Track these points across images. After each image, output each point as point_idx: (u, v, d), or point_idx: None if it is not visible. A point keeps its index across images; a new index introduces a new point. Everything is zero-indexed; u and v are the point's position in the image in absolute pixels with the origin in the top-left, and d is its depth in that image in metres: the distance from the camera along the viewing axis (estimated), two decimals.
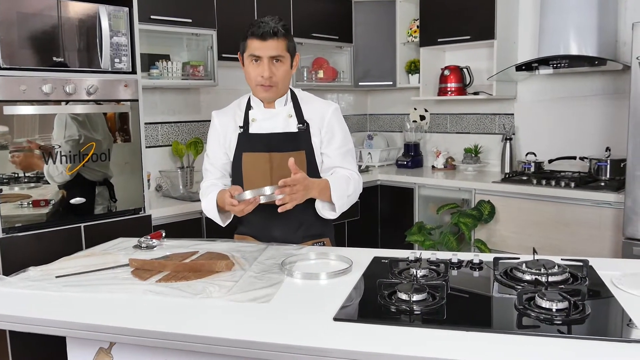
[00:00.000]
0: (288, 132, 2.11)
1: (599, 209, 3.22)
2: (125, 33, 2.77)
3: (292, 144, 2.10)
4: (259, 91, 2.08)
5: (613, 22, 3.63)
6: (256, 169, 2.11)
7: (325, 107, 2.16)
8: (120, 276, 1.73)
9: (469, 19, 4.02)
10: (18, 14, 2.43)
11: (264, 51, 1.99)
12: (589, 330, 1.28)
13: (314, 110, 2.15)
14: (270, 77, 2.02)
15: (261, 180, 2.09)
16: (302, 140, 2.11)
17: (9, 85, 2.44)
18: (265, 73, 2.01)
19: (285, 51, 2.03)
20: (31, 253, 2.47)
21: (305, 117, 2.14)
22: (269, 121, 2.12)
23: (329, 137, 2.14)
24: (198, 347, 1.31)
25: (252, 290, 1.56)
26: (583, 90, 3.87)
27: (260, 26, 1.98)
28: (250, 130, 2.13)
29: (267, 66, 2.01)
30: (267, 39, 1.98)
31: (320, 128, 2.13)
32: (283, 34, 2.01)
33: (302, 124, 2.12)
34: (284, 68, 2.04)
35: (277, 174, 2.07)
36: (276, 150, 2.09)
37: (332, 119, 2.15)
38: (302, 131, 2.12)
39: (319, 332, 1.30)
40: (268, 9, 3.83)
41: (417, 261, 1.71)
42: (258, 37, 1.98)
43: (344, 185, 2.08)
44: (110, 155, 2.78)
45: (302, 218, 2.12)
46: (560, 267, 1.62)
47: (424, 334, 1.28)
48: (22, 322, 1.45)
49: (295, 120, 2.13)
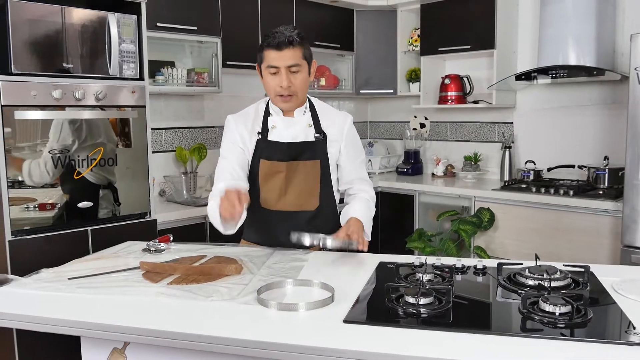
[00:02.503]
0: (307, 142, 2.13)
1: (597, 216, 3.27)
2: (134, 40, 2.81)
3: (309, 153, 2.12)
4: (279, 101, 2.09)
5: (611, 32, 3.69)
6: (272, 177, 2.12)
7: (342, 119, 2.20)
8: (131, 278, 1.76)
9: (469, 28, 4.08)
10: (29, 21, 2.48)
11: (280, 61, 1.99)
12: (591, 334, 1.32)
13: (332, 121, 2.18)
14: (288, 87, 2.03)
15: (276, 188, 2.11)
16: (318, 150, 2.13)
17: (20, 90, 2.47)
18: (283, 83, 2.01)
19: (302, 59, 2.03)
20: (40, 255, 2.50)
21: (323, 127, 2.16)
22: (288, 129, 2.12)
23: (348, 149, 2.19)
24: (211, 347, 1.35)
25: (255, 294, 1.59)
26: (582, 99, 3.92)
27: (276, 36, 1.98)
28: (269, 137, 2.13)
29: (285, 76, 2.01)
30: (283, 48, 1.98)
31: (339, 141, 2.17)
32: (298, 42, 2.01)
33: (320, 134, 2.14)
34: (302, 77, 2.05)
35: (291, 183, 2.11)
36: (294, 159, 2.11)
37: (350, 132, 2.20)
38: (319, 141, 2.14)
39: (329, 333, 1.34)
40: (271, 17, 3.89)
41: (422, 266, 1.75)
42: (274, 47, 1.98)
43: (368, 213, 2.15)
44: (117, 160, 2.81)
45: (309, 224, 2.12)
46: (563, 273, 1.66)
47: (431, 336, 1.32)
48: (38, 322, 1.49)
49: (313, 129, 2.14)
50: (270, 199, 2.14)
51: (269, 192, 2.13)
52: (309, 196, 2.14)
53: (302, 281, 1.69)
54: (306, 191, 2.14)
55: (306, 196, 2.14)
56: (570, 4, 3.54)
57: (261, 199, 2.16)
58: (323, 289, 1.62)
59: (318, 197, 2.15)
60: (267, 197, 2.15)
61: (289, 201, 2.13)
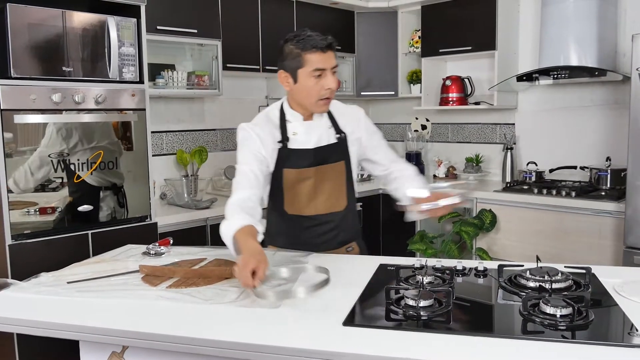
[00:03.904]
0: (331, 144, 2.10)
1: (599, 218, 3.26)
2: (133, 43, 2.81)
3: (334, 155, 2.10)
4: (320, 105, 2.01)
5: (613, 33, 3.68)
6: (299, 184, 2.07)
7: (356, 113, 2.19)
8: (130, 282, 1.76)
9: (470, 29, 4.07)
10: (29, 25, 2.48)
11: (327, 63, 1.94)
12: (592, 336, 1.31)
13: (348, 118, 2.15)
14: (333, 90, 1.97)
15: (304, 194, 2.08)
16: (341, 150, 2.11)
17: (20, 94, 2.47)
18: (332, 84, 1.95)
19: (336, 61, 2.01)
20: (40, 259, 2.50)
21: (341, 126, 2.12)
22: (311, 134, 2.07)
23: (372, 138, 2.19)
24: (210, 351, 1.34)
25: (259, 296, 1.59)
26: (583, 100, 3.91)
27: (315, 39, 1.92)
28: (290, 145, 2.06)
29: (331, 77, 1.96)
30: (326, 50, 1.94)
31: (359, 137, 2.16)
32: (335, 44, 1.98)
33: (340, 134, 2.11)
34: (337, 79, 2.00)
35: (320, 188, 2.08)
36: (320, 164, 2.07)
37: (366, 122, 2.20)
38: (341, 141, 2.11)
39: (328, 336, 1.33)
40: (271, 19, 3.89)
41: (423, 268, 1.74)
42: (319, 49, 1.92)
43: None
44: (117, 163, 2.81)
45: (340, 224, 2.13)
46: (564, 275, 1.65)
47: (431, 338, 1.31)
48: (36, 326, 1.48)
49: (333, 131, 2.11)
50: (298, 205, 2.10)
51: (296, 198, 2.09)
52: (337, 197, 2.13)
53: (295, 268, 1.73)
54: (335, 193, 2.12)
55: (335, 197, 2.12)
56: (572, 4, 3.54)
57: (287, 206, 2.11)
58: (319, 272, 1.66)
59: (346, 197, 2.15)
60: (295, 204, 2.10)
61: (319, 205, 2.10)
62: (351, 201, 2.18)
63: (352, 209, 2.19)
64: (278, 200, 2.12)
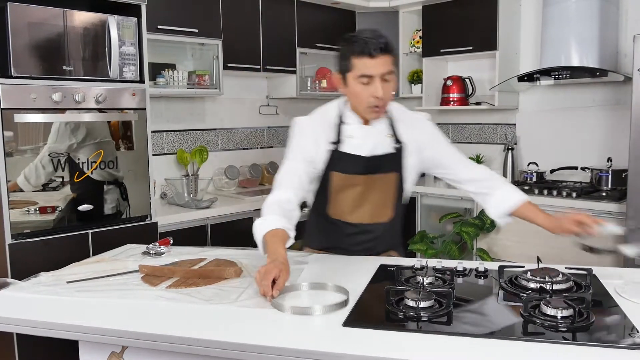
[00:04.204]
0: (387, 154, 1.98)
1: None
2: (134, 43, 2.81)
3: (387, 165, 1.99)
4: (370, 112, 1.91)
5: (614, 33, 3.68)
6: (346, 190, 2.00)
7: (421, 125, 2.06)
8: (130, 282, 1.75)
9: (471, 30, 4.06)
10: (29, 24, 2.47)
11: (375, 69, 1.82)
12: (593, 338, 1.30)
13: (409, 126, 2.02)
14: (381, 99, 1.85)
15: (350, 200, 2.00)
16: (396, 161, 2.00)
17: (20, 93, 2.47)
18: (379, 92, 1.83)
19: (393, 66, 1.86)
20: (40, 259, 2.50)
21: (400, 134, 2.00)
22: (366, 140, 1.97)
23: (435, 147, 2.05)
24: (209, 352, 1.33)
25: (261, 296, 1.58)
26: (584, 101, 3.90)
27: (368, 42, 1.80)
28: (343, 148, 1.97)
29: (379, 85, 1.83)
30: (377, 55, 1.81)
31: (421, 146, 2.03)
32: (391, 48, 1.84)
33: (399, 144, 1.99)
34: (391, 86, 1.88)
35: (368, 197, 2.00)
36: (371, 173, 1.97)
37: (430, 131, 2.06)
38: (398, 151, 1.99)
39: (328, 337, 1.33)
40: (272, 19, 3.88)
41: (423, 269, 1.74)
42: (368, 54, 1.80)
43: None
44: (118, 162, 2.81)
45: (382, 235, 2.07)
46: (565, 276, 1.64)
47: (431, 339, 1.30)
48: (35, 326, 1.48)
49: (392, 139, 1.99)
50: (343, 210, 2.03)
51: (341, 203, 2.02)
52: (383, 208, 2.04)
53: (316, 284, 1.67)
54: (381, 204, 2.03)
55: (381, 209, 2.04)
56: (573, 4, 3.53)
57: (331, 210, 2.05)
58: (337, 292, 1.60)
59: (392, 209, 2.06)
60: (340, 209, 2.04)
61: (363, 213, 2.03)
62: (397, 213, 2.09)
63: (398, 221, 2.11)
64: (322, 201, 2.05)
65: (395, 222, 2.10)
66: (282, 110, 4.48)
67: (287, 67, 4.05)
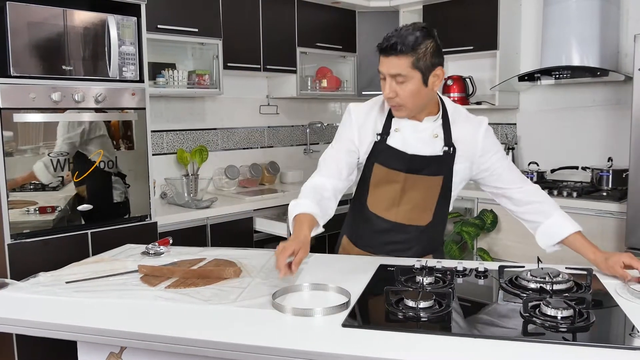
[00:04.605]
0: (433, 156, 1.89)
1: (601, 218, 3.24)
2: (133, 42, 2.81)
3: (433, 167, 1.90)
4: (392, 109, 1.89)
5: (615, 33, 3.67)
6: (386, 185, 1.94)
7: (475, 129, 1.93)
8: (129, 282, 1.75)
9: (471, 29, 4.06)
10: (28, 23, 2.47)
11: (384, 67, 1.79)
12: (594, 338, 1.30)
13: (464, 130, 1.92)
14: (392, 97, 1.81)
15: (388, 197, 1.95)
16: (443, 165, 1.91)
17: (19, 93, 2.47)
18: (385, 91, 1.81)
19: (409, 69, 1.76)
20: (39, 259, 2.50)
21: (454, 138, 1.91)
22: (412, 137, 1.90)
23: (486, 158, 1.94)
24: (208, 352, 1.33)
25: (260, 297, 1.58)
26: (585, 100, 3.90)
27: (386, 38, 1.76)
28: (389, 141, 1.91)
29: (388, 85, 1.79)
30: (389, 54, 1.76)
31: (473, 154, 1.92)
32: (409, 48, 1.74)
33: (449, 147, 1.89)
34: (409, 88, 1.78)
35: (407, 196, 1.94)
36: (413, 172, 1.90)
37: (487, 140, 1.94)
38: (447, 155, 1.90)
39: (328, 337, 1.32)
40: (273, 18, 3.88)
41: (423, 269, 1.73)
42: (380, 51, 1.79)
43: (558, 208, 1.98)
44: (117, 162, 2.80)
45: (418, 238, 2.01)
46: (565, 276, 1.64)
47: (431, 340, 1.30)
48: (34, 326, 1.47)
49: (441, 141, 1.90)
50: (380, 206, 1.98)
51: (379, 198, 1.97)
52: (422, 211, 1.97)
53: (318, 285, 1.66)
54: (421, 206, 1.96)
55: (420, 211, 1.96)
56: (574, 4, 3.52)
57: (369, 202, 1.99)
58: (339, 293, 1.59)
59: (432, 213, 1.97)
60: (377, 204, 1.98)
61: (400, 213, 1.96)
62: (438, 219, 2.00)
63: (438, 226, 2.03)
64: (363, 193, 2.00)
65: (434, 228, 2.02)
66: (282, 110, 4.48)
67: (288, 66, 4.04)
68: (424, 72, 1.78)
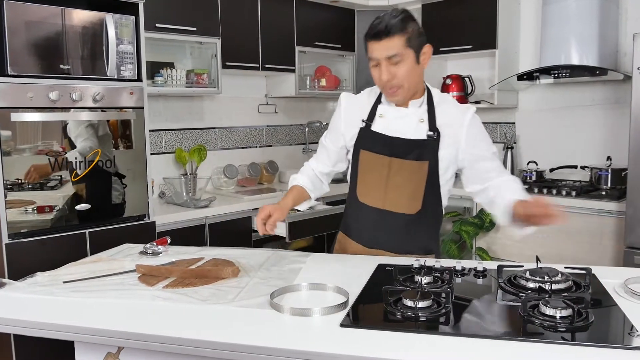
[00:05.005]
0: (416, 140, 1.91)
1: (600, 217, 3.24)
2: (131, 41, 2.80)
3: (416, 152, 1.91)
4: (387, 95, 1.93)
5: (614, 32, 3.67)
6: (372, 171, 1.97)
7: (461, 115, 1.93)
8: (127, 282, 1.74)
9: (470, 28, 4.05)
10: (26, 22, 2.46)
11: (378, 52, 1.83)
12: (593, 338, 1.29)
13: (449, 117, 1.93)
14: (389, 80, 1.85)
15: (375, 183, 1.97)
16: (428, 150, 1.91)
17: (16, 92, 2.46)
18: (383, 76, 1.84)
19: (404, 48, 1.82)
20: (37, 259, 2.49)
21: (438, 123, 1.92)
22: (397, 122, 1.94)
23: (470, 148, 1.93)
24: (206, 352, 1.32)
25: (258, 297, 1.57)
26: (584, 99, 3.90)
27: (373, 25, 1.83)
28: (373, 127, 1.96)
29: (384, 69, 1.83)
30: (381, 38, 1.81)
31: (457, 142, 1.92)
32: (399, 29, 1.81)
33: (433, 132, 1.91)
34: (405, 67, 1.83)
35: (393, 182, 1.94)
36: (398, 156, 1.92)
37: (471, 128, 1.93)
38: (432, 140, 1.91)
39: (326, 337, 1.32)
40: (271, 17, 3.87)
41: (422, 268, 1.73)
42: (372, 37, 1.83)
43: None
44: (115, 161, 2.80)
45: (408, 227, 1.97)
46: (564, 275, 1.63)
47: (429, 340, 1.29)
48: (30, 326, 1.47)
49: (426, 126, 1.92)
50: (368, 194, 1.99)
51: (367, 186, 1.99)
52: (410, 199, 1.95)
53: (316, 285, 1.65)
54: (408, 193, 1.94)
55: (407, 198, 1.95)
56: (573, 3, 3.52)
57: (358, 191, 2.02)
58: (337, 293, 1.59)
59: (421, 201, 1.95)
60: (366, 192, 2.00)
61: (388, 200, 1.96)
62: (430, 207, 1.97)
63: (430, 215, 1.99)
64: (354, 184, 2.04)
65: (426, 219, 1.98)
66: (281, 109, 4.47)
67: (286, 65, 4.03)
68: (416, 50, 1.86)
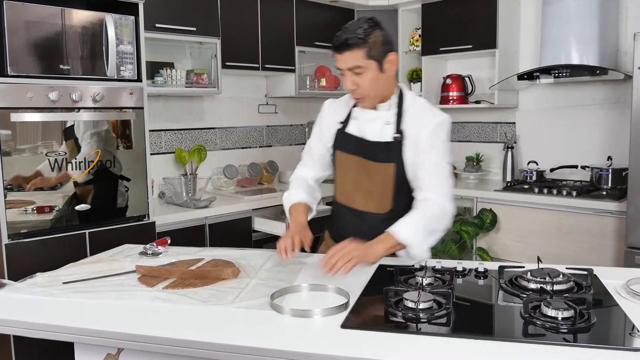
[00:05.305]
0: (379, 142, 1.98)
1: (600, 217, 3.24)
2: (131, 41, 2.79)
3: (382, 154, 1.97)
4: (356, 101, 2.03)
5: (614, 31, 3.66)
6: (346, 171, 2.06)
7: (427, 120, 1.95)
8: (127, 283, 1.74)
9: (470, 28, 4.05)
10: (26, 22, 2.45)
11: (341, 63, 1.90)
12: (594, 339, 1.29)
13: (415, 119, 1.96)
14: (354, 90, 1.93)
15: (348, 183, 2.07)
16: (393, 152, 1.96)
17: (16, 92, 2.45)
18: (347, 85, 1.93)
19: (364, 60, 1.86)
20: (36, 259, 2.48)
21: (403, 125, 1.96)
22: (365, 124, 2.02)
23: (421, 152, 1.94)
24: (206, 354, 1.32)
25: (259, 298, 1.57)
26: (584, 99, 3.89)
27: (337, 37, 1.88)
28: (347, 128, 2.06)
29: (348, 79, 1.91)
30: (342, 50, 1.87)
31: (417, 142, 1.94)
32: (359, 41, 1.84)
33: (399, 134, 1.96)
34: (368, 77, 1.89)
35: (364, 182, 2.02)
36: (366, 157, 1.99)
37: (429, 134, 1.93)
38: (396, 142, 1.95)
39: (327, 339, 1.31)
40: (271, 17, 3.87)
41: (423, 269, 1.72)
42: (334, 49, 1.90)
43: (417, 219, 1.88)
44: (115, 162, 2.79)
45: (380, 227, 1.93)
46: (565, 276, 1.63)
47: (430, 341, 1.29)
48: (30, 327, 1.47)
49: (392, 128, 1.97)
50: (343, 194, 2.12)
51: (342, 187, 2.10)
52: (378, 200, 2.01)
53: (317, 286, 1.65)
54: (376, 194, 2.01)
55: (376, 199, 2.01)
56: (573, 2, 3.51)
57: (337, 193, 2.15)
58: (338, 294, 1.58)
59: (390, 202, 2.00)
60: (341, 192, 2.13)
61: (357, 200, 2.05)
62: (402, 207, 1.96)
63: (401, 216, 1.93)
64: (335, 186, 2.16)
65: (398, 216, 1.94)
66: (280, 109, 4.46)
67: (286, 65, 4.03)
68: (378, 60, 1.90)
